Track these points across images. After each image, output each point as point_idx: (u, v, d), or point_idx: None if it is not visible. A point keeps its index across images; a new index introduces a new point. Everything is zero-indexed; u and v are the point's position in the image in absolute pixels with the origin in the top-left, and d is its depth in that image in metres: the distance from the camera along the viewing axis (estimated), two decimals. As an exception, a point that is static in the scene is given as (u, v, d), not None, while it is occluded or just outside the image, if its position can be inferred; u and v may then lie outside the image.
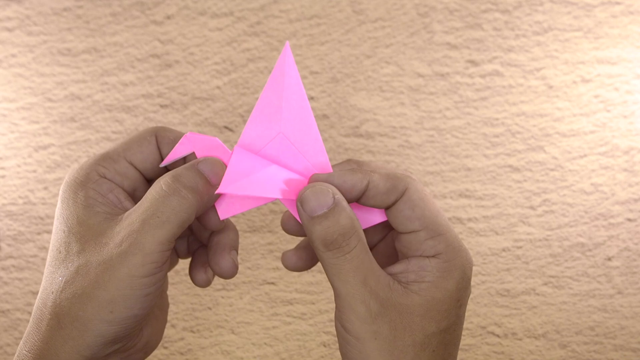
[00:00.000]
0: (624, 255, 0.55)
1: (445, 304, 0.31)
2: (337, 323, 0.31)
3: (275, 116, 0.33)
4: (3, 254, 0.56)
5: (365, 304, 0.30)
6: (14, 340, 0.55)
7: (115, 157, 0.33)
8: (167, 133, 0.34)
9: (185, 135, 0.33)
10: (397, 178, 0.32)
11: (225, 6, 0.56)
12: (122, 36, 0.56)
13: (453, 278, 0.31)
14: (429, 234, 0.32)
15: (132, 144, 0.34)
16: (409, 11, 0.56)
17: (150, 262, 0.30)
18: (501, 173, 0.56)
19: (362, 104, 0.56)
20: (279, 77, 0.33)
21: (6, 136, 0.56)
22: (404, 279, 0.32)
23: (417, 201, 0.32)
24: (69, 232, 0.31)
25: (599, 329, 0.55)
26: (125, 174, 0.33)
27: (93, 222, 0.31)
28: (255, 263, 0.55)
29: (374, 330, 0.30)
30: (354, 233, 0.30)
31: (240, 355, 0.55)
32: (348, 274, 0.30)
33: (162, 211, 0.30)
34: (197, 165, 0.32)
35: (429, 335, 0.31)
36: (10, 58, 0.56)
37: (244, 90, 0.56)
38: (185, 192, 0.31)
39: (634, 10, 0.55)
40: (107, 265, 0.30)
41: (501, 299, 0.55)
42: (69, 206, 0.32)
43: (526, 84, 0.56)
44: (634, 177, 0.55)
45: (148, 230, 0.30)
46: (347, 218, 0.30)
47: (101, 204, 0.32)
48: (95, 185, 0.32)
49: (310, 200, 0.31)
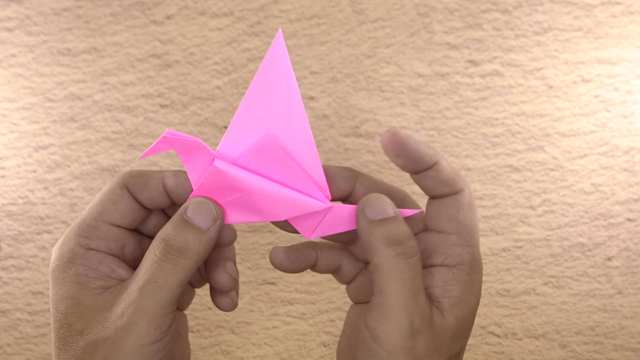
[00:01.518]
0: (624, 255, 0.55)
1: (469, 322, 0.31)
2: (366, 332, 0.31)
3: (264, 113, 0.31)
4: (3, 254, 0.56)
5: (411, 318, 0.29)
6: (14, 340, 0.55)
7: (94, 223, 0.32)
8: (137, 179, 0.32)
9: (164, 135, 0.31)
10: (459, 176, 0.32)
11: (225, 6, 0.56)
12: (122, 36, 0.56)
13: (474, 294, 0.31)
14: (460, 241, 0.32)
15: (106, 204, 0.32)
16: (409, 11, 0.56)
17: (154, 328, 0.30)
18: (501, 173, 0.56)
19: (362, 104, 0.56)
20: (269, 69, 0.30)
21: (6, 136, 0.56)
22: (432, 294, 0.31)
23: (465, 205, 0.32)
24: (67, 314, 0.31)
25: (599, 329, 0.55)
26: (108, 237, 0.32)
27: (89, 300, 0.30)
28: (255, 263, 0.55)
29: (409, 347, 0.30)
30: (415, 242, 0.30)
31: (240, 355, 0.55)
32: (406, 281, 0.30)
33: (157, 276, 0.30)
34: (186, 214, 0.31)
35: (453, 356, 0.31)
36: (10, 58, 0.56)
37: (244, 91, 0.56)
38: (177, 256, 0.30)
39: (634, 10, 0.55)
40: (112, 341, 0.29)
41: (501, 299, 0.55)
42: (62, 287, 0.31)
43: (526, 84, 0.56)
44: (634, 177, 0.55)
45: (147, 296, 0.29)
46: (407, 227, 0.31)
47: (94, 279, 0.31)
48: (83, 260, 0.31)
49: (375, 204, 0.31)
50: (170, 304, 0.30)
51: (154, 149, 0.31)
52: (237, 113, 0.31)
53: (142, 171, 0.33)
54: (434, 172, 0.32)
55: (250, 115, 0.31)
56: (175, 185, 0.32)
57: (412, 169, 0.32)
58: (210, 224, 0.31)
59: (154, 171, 0.33)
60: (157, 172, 0.33)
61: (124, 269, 0.32)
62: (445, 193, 0.32)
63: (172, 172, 0.32)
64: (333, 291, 0.55)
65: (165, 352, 0.30)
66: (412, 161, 0.31)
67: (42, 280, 0.55)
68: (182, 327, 0.36)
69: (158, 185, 0.32)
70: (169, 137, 0.31)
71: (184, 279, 0.30)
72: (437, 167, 0.32)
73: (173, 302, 0.30)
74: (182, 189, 0.32)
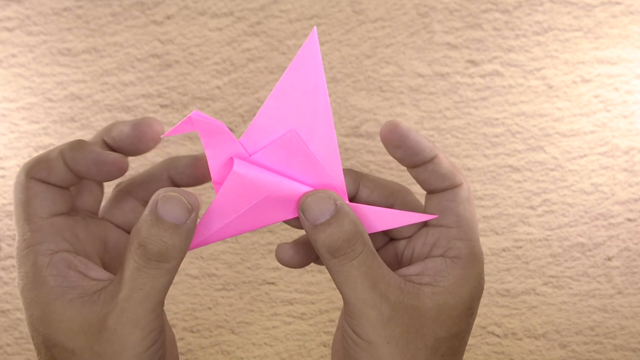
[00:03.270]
0: (624, 255, 0.55)
1: (457, 310, 0.31)
2: (348, 328, 0.31)
3: (290, 111, 0.30)
4: (3, 254, 0.56)
5: (377, 308, 0.30)
6: (14, 340, 0.55)
7: (35, 227, 0.29)
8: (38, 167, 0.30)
9: (190, 115, 0.30)
10: (458, 170, 0.32)
11: (225, 6, 0.56)
12: (122, 36, 0.56)
13: (468, 286, 0.31)
14: (459, 234, 0.32)
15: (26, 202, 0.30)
16: (409, 11, 0.56)
17: (149, 332, 0.29)
18: (501, 173, 0.56)
19: (362, 104, 0.56)
20: (300, 67, 0.30)
21: (6, 136, 0.56)
22: (418, 280, 0.31)
23: (464, 199, 0.32)
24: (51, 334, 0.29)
25: (599, 329, 0.55)
26: (58, 230, 0.30)
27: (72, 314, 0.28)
28: (255, 263, 0.55)
29: (386, 335, 0.30)
30: (359, 238, 0.30)
31: (240, 355, 0.55)
32: (356, 280, 0.30)
33: (143, 283, 0.28)
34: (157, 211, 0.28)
35: (439, 340, 0.31)
36: (10, 58, 0.56)
37: (244, 90, 0.56)
38: (157, 260, 0.28)
39: (634, 10, 0.55)
40: (107, 355, 0.28)
41: (501, 299, 0.55)
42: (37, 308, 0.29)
43: (526, 84, 0.56)
44: (634, 177, 0.55)
45: (135, 305, 0.28)
46: (351, 223, 0.30)
47: (68, 288, 0.29)
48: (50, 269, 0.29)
49: (312, 208, 0.30)
50: (159, 305, 0.29)
51: (178, 129, 0.30)
52: (263, 106, 0.30)
53: (40, 156, 0.30)
54: (432, 166, 0.31)
55: (277, 111, 0.30)
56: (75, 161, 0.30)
57: (411, 161, 0.31)
58: (185, 217, 0.29)
59: (50, 151, 0.30)
60: (53, 151, 0.30)
61: (94, 269, 0.30)
62: (444, 187, 0.32)
63: (68, 146, 0.30)
64: (333, 291, 0.55)
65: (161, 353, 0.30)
66: (412, 154, 0.31)
67: (42, 280, 0.55)
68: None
69: (60, 164, 0.30)
70: (194, 118, 0.29)
71: (170, 279, 0.29)
72: (436, 160, 0.31)
73: (162, 303, 0.29)
74: (81, 163, 0.30)
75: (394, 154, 0.32)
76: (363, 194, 0.33)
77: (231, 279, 0.55)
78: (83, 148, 0.30)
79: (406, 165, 0.32)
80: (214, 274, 0.55)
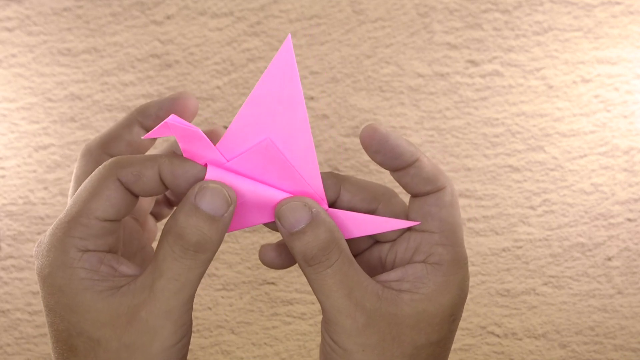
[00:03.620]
0: (624, 255, 0.55)
1: (437, 317, 0.30)
2: (325, 335, 0.31)
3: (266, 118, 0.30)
4: (3, 254, 0.56)
5: (351, 317, 0.29)
6: (14, 340, 0.55)
7: (86, 222, 0.29)
8: (129, 169, 0.29)
9: (166, 121, 0.29)
10: (441, 172, 0.31)
11: (225, 6, 0.56)
12: (122, 36, 0.56)
13: (450, 293, 0.31)
14: (442, 240, 0.31)
15: (97, 200, 0.29)
16: (409, 11, 0.56)
17: (180, 325, 0.29)
18: (501, 173, 0.56)
19: (362, 104, 0.56)
20: (275, 74, 0.29)
21: (6, 136, 0.56)
22: (397, 287, 0.31)
23: (447, 203, 0.31)
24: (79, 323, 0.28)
25: (599, 329, 0.55)
26: (104, 234, 0.29)
27: (101, 305, 0.28)
28: (255, 263, 0.55)
29: (361, 343, 0.29)
30: (334, 246, 0.29)
31: (240, 355, 0.55)
32: (331, 288, 0.29)
33: (179, 274, 0.28)
34: (196, 202, 0.28)
35: (418, 347, 0.30)
36: (10, 58, 0.56)
37: (244, 90, 0.56)
38: (195, 251, 0.28)
39: (634, 10, 0.55)
40: (136, 347, 0.28)
41: (501, 299, 0.55)
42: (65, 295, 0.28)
43: (526, 84, 0.56)
44: (634, 177, 0.55)
45: (170, 296, 0.28)
46: (326, 231, 0.29)
47: (98, 281, 0.29)
48: (82, 263, 0.28)
49: (287, 216, 0.30)
50: (192, 299, 0.29)
51: (155, 132, 0.30)
52: (238, 114, 0.30)
53: (133, 159, 0.29)
54: (414, 170, 0.31)
55: (252, 118, 0.30)
56: (175, 176, 0.29)
57: (392, 165, 0.31)
58: (224, 210, 0.29)
59: (147, 158, 0.30)
60: (150, 159, 0.30)
61: (125, 264, 0.30)
62: (427, 191, 0.31)
63: (167, 159, 0.29)
64: (333, 291, 0.55)
65: (188, 348, 0.30)
66: (392, 157, 0.31)
67: (42, 280, 0.55)
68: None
69: (154, 176, 0.29)
70: (170, 123, 0.29)
71: (204, 271, 0.29)
72: (418, 164, 0.31)
73: (194, 296, 0.29)
74: (181, 179, 0.29)
75: (374, 158, 0.31)
76: (345, 198, 0.32)
77: (231, 279, 0.55)
78: (185, 163, 0.30)
79: (387, 169, 0.32)
80: (214, 274, 0.55)
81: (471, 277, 0.55)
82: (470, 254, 0.55)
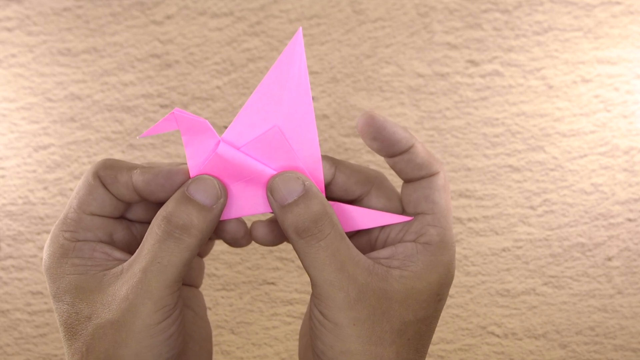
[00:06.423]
0: (624, 255, 0.55)
1: (424, 294, 0.31)
2: (315, 310, 0.31)
3: (274, 107, 0.31)
4: (3, 254, 0.56)
5: (344, 290, 0.30)
6: (13, 340, 0.55)
7: (75, 216, 0.31)
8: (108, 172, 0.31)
9: (172, 112, 0.30)
10: (435, 159, 0.32)
11: (225, 6, 0.56)
12: (122, 36, 0.56)
13: (437, 273, 0.31)
14: (433, 221, 0.32)
15: (82, 195, 0.31)
16: (409, 11, 0.56)
17: (161, 307, 0.29)
18: (501, 173, 0.56)
19: (362, 104, 0.56)
20: (284, 65, 0.31)
21: (6, 136, 0.56)
22: (387, 264, 0.31)
23: (440, 187, 0.32)
24: (74, 303, 0.30)
25: (599, 329, 0.55)
26: (93, 227, 0.31)
27: (93, 285, 0.30)
28: (255, 263, 0.55)
29: (352, 317, 0.30)
30: (327, 219, 0.30)
31: (240, 355, 0.55)
32: (324, 261, 0.30)
33: (161, 256, 0.29)
34: (188, 190, 0.30)
35: (405, 323, 0.31)
36: (10, 58, 0.56)
37: (244, 90, 0.56)
38: (180, 233, 0.29)
39: (634, 10, 0.55)
40: (120, 323, 0.29)
41: (501, 299, 0.55)
42: (61, 280, 0.30)
43: (526, 84, 0.56)
44: (634, 177, 0.55)
45: (151, 277, 0.29)
46: (319, 204, 0.30)
47: (92, 266, 0.31)
48: (75, 252, 0.31)
49: (280, 188, 0.30)
50: (176, 283, 0.30)
51: (158, 127, 0.31)
52: (246, 103, 0.31)
53: (115, 164, 0.31)
54: (409, 156, 0.32)
55: (260, 107, 0.31)
56: (144, 185, 0.31)
57: (388, 152, 0.32)
58: (213, 201, 0.30)
59: (125, 165, 0.32)
60: (128, 166, 0.31)
61: (119, 252, 0.32)
62: (421, 176, 0.32)
63: (140, 170, 0.31)
64: (333, 291, 0.55)
65: (175, 329, 0.30)
66: (388, 145, 0.31)
67: (42, 280, 0.55)
68: (198, 305, 0.36)
69: (127, 182, 0.31)
70: (176, 115, 0.30)
71: (189, 257, 0.30)
72: (413, 150, 0.32)
73: (179, 280, 0.30)
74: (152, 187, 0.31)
75: (371, 145, 0.32)
76: (339, 180, 0.33)
77: (231, 279, 0.55)
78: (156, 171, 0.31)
79: (383, 155, 0.33)
80: (214, 274, 0.55)
81: (471, 277, 0.55)
82: (470, 254, 0.55)
